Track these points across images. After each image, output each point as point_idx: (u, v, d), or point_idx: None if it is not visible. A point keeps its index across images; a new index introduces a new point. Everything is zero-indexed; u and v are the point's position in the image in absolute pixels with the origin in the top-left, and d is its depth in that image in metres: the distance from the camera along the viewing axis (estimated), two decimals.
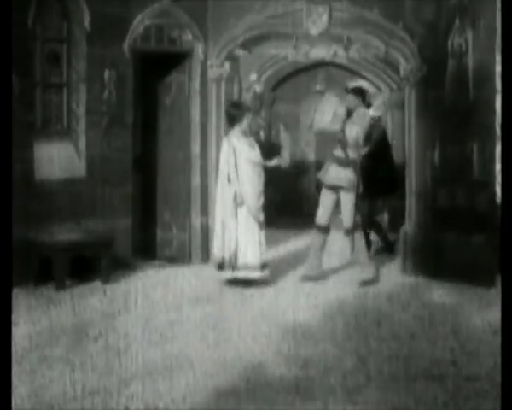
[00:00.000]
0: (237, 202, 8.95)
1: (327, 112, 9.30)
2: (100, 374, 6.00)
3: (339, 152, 9.19)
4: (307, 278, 9.24)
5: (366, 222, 10.72)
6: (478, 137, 9.05)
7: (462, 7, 9.08)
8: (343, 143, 9.14)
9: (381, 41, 9.81)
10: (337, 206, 9.26)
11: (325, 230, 9.28)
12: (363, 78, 12.10)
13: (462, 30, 9.08)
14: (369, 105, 9.69)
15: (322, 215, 9.27)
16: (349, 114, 9.20)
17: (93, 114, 9.53)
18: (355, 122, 9.15)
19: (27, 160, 9.01)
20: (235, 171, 8.98)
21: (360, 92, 9.26)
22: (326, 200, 9.25)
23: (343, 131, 9.13)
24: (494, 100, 8.93)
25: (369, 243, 10.68)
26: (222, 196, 9.10)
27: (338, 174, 9.15)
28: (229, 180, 9.00)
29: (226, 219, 8.99)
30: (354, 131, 9.12)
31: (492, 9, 8.87)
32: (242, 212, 8.98)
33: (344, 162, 9.14)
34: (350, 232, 9.16)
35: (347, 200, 9.13)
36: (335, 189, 9.18)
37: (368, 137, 9.53)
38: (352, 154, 9.13)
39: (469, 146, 9.08)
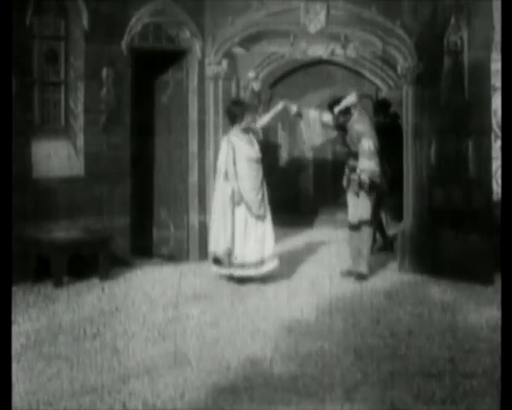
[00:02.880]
0: (235, 200, 8.96)
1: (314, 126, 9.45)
2: (98, 371, 6.01)
3: (352, 160, 9.28)
4: (350, 274, 9.28)
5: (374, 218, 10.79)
6: (474, 135, 9.07)
7: (458, 5, 9.10)
8: (351, 153, 9.25)
9: (378, 39, 9.82)
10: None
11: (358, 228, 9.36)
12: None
13: (457, 28, 9.09)
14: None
15: (352, 214, 9.34)
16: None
17: (91, 112, 9.54)
18: (353, 127, 9.20)
19: (25, 158, 9.02)
20: (233, 168, 8.98)
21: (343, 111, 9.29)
22: (352, 200, 9.34)
23: (343, 138, 9.28)
24: (489, 97, 8.96)
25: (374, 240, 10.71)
26: (219, 193, 9.10)
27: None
28: (226, 178, 9.01)
29: (223, 217, 8.99)
30: (355, 134, 9.17)
31: (488, 8, 8.90)
32: (240, 210, 8.99)
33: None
34: (354, 228, 9.27)
35: (360, 199, 9.22)
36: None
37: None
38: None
39: (465, 144, 9.10)
